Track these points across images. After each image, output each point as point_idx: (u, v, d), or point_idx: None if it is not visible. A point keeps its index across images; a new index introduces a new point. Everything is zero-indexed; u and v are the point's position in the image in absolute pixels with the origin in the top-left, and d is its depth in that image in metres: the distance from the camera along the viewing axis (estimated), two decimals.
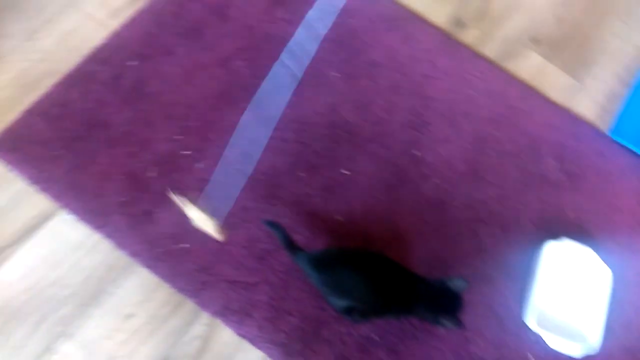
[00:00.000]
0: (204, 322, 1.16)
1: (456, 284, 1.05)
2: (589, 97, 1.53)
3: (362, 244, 1.24)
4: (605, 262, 1.23)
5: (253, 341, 1.14)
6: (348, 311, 1.12)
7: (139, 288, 1.17)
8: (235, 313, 1.15)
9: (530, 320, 1.17)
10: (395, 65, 1.46)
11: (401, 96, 1.42)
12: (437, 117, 1.41)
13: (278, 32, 1.44)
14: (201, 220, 1.14)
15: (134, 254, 1.17)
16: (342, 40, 1.47)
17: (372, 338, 1.16)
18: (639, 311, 1.26)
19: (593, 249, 1.24)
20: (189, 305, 1.16)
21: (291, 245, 1.12)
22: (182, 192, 1.19)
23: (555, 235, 1.28)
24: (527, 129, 1.43)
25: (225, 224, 1.17)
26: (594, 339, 1.15)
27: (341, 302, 1.11)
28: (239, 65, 1.38)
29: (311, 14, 1.03)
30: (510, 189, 1.34)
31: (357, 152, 1.33)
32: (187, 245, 1.18)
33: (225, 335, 1.15)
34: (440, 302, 1.06)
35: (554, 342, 1.17)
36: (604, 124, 1.48)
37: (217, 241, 1.18)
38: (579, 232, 1.31)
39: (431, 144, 1.37)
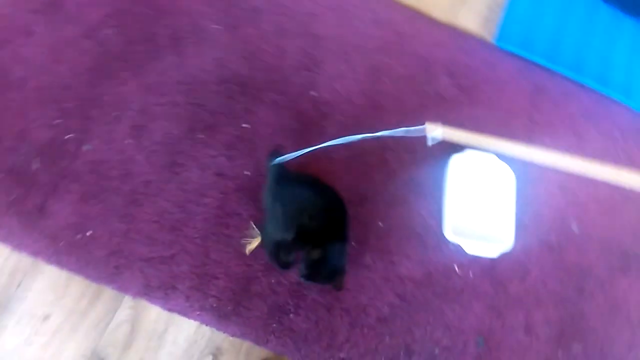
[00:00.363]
0: (128, 306, 1.12)
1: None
2: (472, 11, 1.56)
3: None
4: (508, 164, 1.29)
5: (183, 312, 1.12)
6: (277, 251, 1.09)
7: (50, 286, 1.11)
8: (158, 289, 1.11)
9: (447, 231, 1.22)
10: (277, 8, 1.41)
11: (289, 39, 1.38)
12: (329, 55, 1.39)
13: None
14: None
15: (35, 253, 1.10)
16: None
17: (302, 282, 1.17)
18: (546, 204, 1.35)
19: (495, 154, 1.30)
20: (108, 292, 1.12)
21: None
22: (73, 179, 1.12)
23: (458, 148, 1.32)
24: (417, 51, 1.45)
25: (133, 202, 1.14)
26: (507, 238, 1.22)
27: (278, 232, 1.08)
28: (108, 33, 1.29)
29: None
30: (409, 111, 1.36)
31: (253, 103, 1.30)
32: (90, 232, 1.12)
33: (154, 313, 1.12)
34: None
35: (472, 247, 1.23)
36: (490, 35, 1.53)
37: (122, 222, 1.13)
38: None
39: (327, 82, 1.36)
